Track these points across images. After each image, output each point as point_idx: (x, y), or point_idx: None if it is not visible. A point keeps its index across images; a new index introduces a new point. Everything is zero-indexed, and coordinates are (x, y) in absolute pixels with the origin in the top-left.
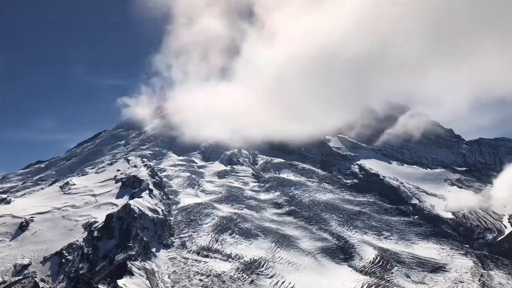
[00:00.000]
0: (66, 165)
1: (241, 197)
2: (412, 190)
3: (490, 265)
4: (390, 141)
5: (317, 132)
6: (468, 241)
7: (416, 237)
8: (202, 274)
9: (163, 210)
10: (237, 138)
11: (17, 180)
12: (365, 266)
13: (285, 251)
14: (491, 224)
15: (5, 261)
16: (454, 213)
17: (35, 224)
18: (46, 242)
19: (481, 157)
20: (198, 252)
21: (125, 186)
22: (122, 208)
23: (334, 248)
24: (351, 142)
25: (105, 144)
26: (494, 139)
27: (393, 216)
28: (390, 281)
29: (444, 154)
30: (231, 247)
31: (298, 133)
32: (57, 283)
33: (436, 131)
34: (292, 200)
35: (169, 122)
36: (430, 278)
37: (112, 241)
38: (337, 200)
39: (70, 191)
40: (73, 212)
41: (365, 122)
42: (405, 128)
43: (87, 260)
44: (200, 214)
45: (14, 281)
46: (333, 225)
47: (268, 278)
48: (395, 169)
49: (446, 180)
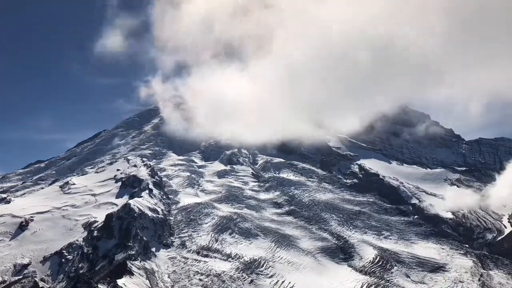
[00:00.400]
0: (66, 165)
1: (241, 196)
2: (412, 190)
3: (490, 265)
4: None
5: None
6: (468, 241)
7: (416, 237)
8: (202, 274)
9: (163, 210)
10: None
11: (17, 180)
12: (365, 266)
13: (285, 251)
14: (491, 224)
15: (5, 260)
16: (454, 213)
17: (35, 224)
18: (46, 242)
19: (481, 157)
20: (198, 252)
21: (125, 186)
22: (122, 207)
23: (334, 248)
24: (350, 142)
25: (105, 144)
26: (494, 139)
27: (393, 216)
28: (390, 281)
29: (444, 154)
30: (231, 246)
31: (311, 136)
32: (57, 282)
33: (436, 131)
34: (292, 199)
35: (185, 114)
36: (430, 278)
37: (112, 241)
38: (337, 200)
39: (70, 190)
40: (73, 211)
41: (379, 127)
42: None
43: (87, 259)
44: (200, 214)
45: (14, 280)
46: (333, 225)
47: (268, 277)
48: (395, 169)
49: (446, 180)
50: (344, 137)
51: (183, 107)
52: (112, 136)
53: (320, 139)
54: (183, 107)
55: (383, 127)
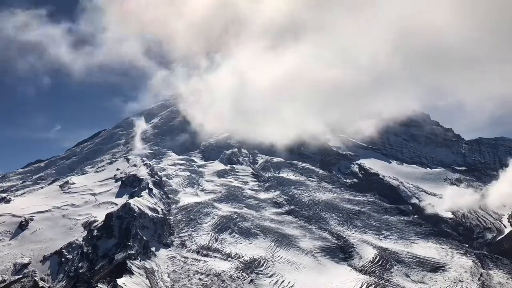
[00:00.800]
0: (66, 164)
1: (240, 196)
2: (411, 190)
3: (490, 264)
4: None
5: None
6: (468, 241)
7: (415, 237)
8: (201, 273)
9: (162, 209)
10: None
11: (17, 179)
12: (364, 266)
13: (285, 251)
14: (490, 224)
15: (4, 260)
16: (454, 212)
17: (35, 223)
18: (45, 241)
19: (481, 157)
20: (198, 251)
21: (125, 185)
22: (122, 207)
23: (333, 247)
24: (350, 142)
25: (104, 143)
26: (493, 139)
27: (393, 216)
28: (390, 280)
29: (444, 154)
30: (230, 246)
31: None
32: (57, 282)
33: (435, 131)
34: (291, 199)
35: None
36: (430, 278)
37: (111, 240)
38: (337, 199)
39: (69, 190)
40: (73, 211)
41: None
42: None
43: (86, 259)
44: (200, 213)
45: (14, 280)
46: (332, 224)
47: (267, 277)
48: (395, 168)
49: (445, 179)
50: (344, 137)
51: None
52: (112, 135)
53: (321, 139)
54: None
55: (383, 127)
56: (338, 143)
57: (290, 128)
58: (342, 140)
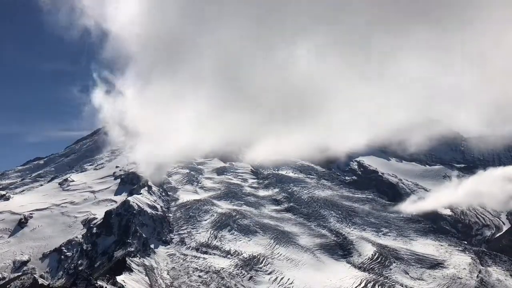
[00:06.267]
0: (65, 162)
1: (240, 193)
2: (410, 187)
3: (488, 261)
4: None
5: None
6: (467, 238)
7: (414, 234)
8: (201, 271)
9: (162, 207)
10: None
11: (16, 177)
12: (363, 263)
13: (284, 248)
14: (489, 221)
15: (4, 257)
16: (453, 209)
17: (34, 221)
18: (45, 239)
19: (480, 154)
20: (197, 249)
21: (124, 183)
22: (121, 204)
23: (332, 244)
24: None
25: (103, 142)
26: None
27: (392, 213)
28: (389, 277)
29: (443, 151)
30: (230, 243)
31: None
32: (56, 279)
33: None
34: (291, 196)
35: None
36: (429, 275)
37: (111, 238)
38: (336, 196)
39: (69, 187)
40: (72, 208)
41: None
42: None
43: (86, 256)
44: (199, 211)
45: (13, 277)
46: (331, 221)
47: (267, 274)
48: (394, 165)
49: (444, 176)
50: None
51: None
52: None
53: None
54: None
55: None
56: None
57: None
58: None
